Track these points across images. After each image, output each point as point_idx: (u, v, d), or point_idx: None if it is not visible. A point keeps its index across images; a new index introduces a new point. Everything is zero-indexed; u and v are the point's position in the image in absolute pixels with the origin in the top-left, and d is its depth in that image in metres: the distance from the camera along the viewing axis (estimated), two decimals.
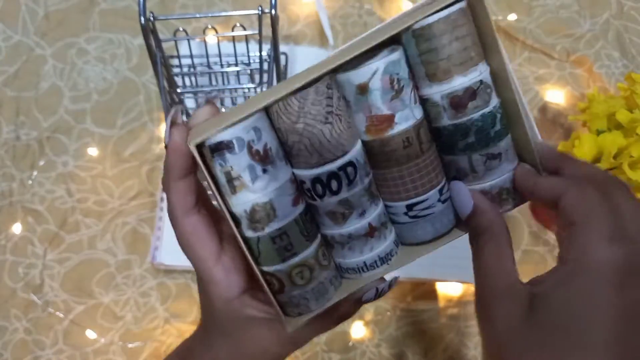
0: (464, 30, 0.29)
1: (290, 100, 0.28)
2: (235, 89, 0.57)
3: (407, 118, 0.30)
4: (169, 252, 0.58)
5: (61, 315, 0.58)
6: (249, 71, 0.53)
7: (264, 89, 0.51)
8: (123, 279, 0.60)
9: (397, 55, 0.29)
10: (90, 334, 0.58)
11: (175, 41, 0.51)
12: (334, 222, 0.31)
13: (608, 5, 0.68)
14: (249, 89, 0.50)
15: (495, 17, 0.68)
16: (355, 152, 0.30)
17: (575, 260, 0.26)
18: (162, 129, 0.64)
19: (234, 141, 0.27)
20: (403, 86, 0.29)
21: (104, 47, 0.67)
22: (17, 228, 0.61)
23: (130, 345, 0.58)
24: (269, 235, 0.29)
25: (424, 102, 0.31)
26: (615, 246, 0.26)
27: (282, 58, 0.59)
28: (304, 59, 0.65)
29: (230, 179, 0.28)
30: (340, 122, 0.29)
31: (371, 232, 0.32)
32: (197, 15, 0.46)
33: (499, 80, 0.30)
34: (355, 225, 0.31)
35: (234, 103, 0.58)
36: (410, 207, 0.32)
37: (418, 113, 0.30)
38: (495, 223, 0.30)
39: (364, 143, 0.30)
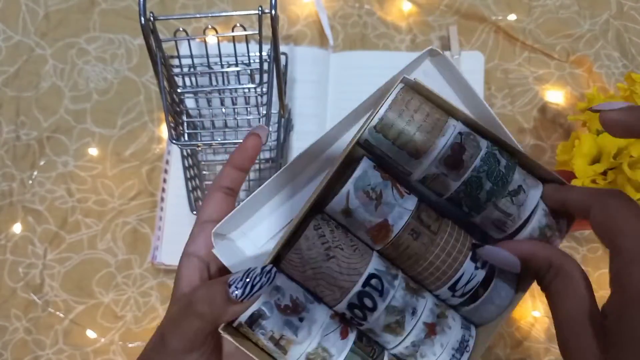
0: (417, 101, 0.30)
1: (289, 256, 0.29)
2: (236, 89, 0.57)
3: (400, 215, 0.30)
4: (169, 251, 0.58)
5: (61, 315, 0.58)
6: (249, 71, 0.53)
7: (264, 89, 0.51)
8: (123, 278, 0.60)
9: (360, 170, 0.30)
10: (91, 333, 0.58)
11: (176, 41, 0.51)
12: (394, 333, 0.31)
13: (608, 6, 0.68)
14: (249, 89, 0.50)
15: (495, 18, 0.68)
16: (371, 266, 0.30)
17: (622, 289, 0.24)
18: (163, 129, 0.64)
19: (264, 308, 0.29)
20: (380, 191, 0.29)
21: (104, 47, 0.67)
22: (17, 228, 0.61)
23: (130, 345, 0.58)
24: None
25: (423, 181, 0.30)
26: None
27: (282, 58, 0.59)
28: (304, 59, 0.65)
29: (276, 342, 0.29)
30: (342, 250, 0.30)
31: (431, 330, 0.31)
32: (197, 16, 0.46)
33: (478, 129, 0.31)
34: (412, 329, 0.31)
35: (234, 103, 0.58)
36: (453, 288, 0.31)
37: (410, 204, 0.30)
38: (552, 256, 0.28)
39: (380, 252, 0.31)
